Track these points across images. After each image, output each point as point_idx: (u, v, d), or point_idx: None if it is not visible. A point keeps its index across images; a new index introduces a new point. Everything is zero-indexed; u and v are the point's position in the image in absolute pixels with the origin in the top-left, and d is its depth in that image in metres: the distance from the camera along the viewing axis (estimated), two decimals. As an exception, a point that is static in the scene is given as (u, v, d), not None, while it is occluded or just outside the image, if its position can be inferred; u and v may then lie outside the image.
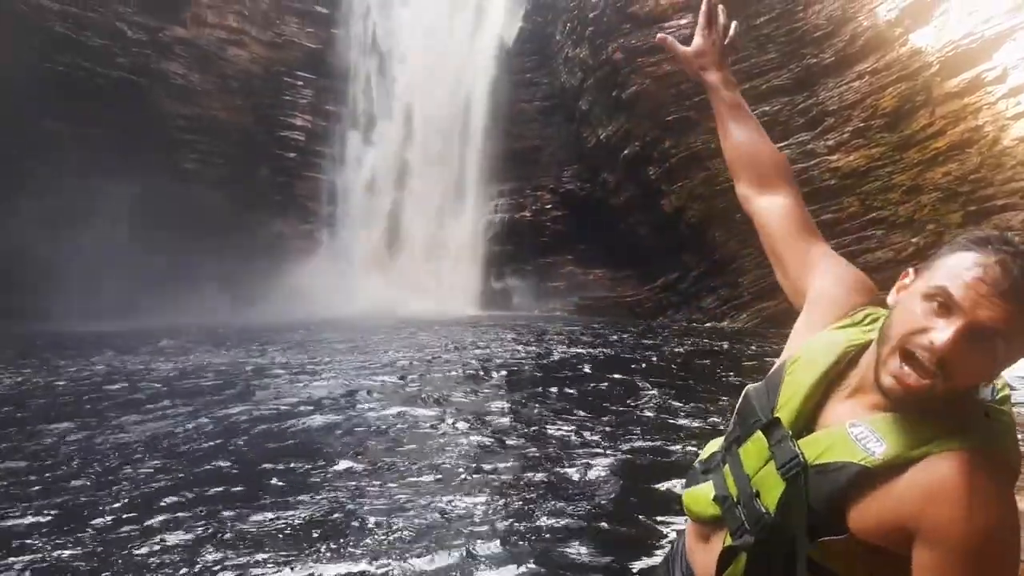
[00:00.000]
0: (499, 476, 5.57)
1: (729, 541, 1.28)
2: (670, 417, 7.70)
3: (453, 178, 31.30)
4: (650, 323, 23.30)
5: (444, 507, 4.83)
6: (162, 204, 23.39)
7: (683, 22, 23.01)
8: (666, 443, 6.52)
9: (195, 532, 4.33)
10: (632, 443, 6.54)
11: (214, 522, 4.49)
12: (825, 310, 1.39)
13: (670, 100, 23.64)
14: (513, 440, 6.74)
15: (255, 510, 4.71)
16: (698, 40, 1.71)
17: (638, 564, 4.00)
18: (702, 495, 1.39)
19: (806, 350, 1.31)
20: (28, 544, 4.16)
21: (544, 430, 7.12)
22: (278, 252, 27.59)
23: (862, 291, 1.41)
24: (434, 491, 5.17)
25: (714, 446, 1.50)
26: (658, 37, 1.84)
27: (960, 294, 1.05)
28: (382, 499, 4.97)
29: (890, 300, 1.20)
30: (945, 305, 1.06)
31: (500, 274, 30.86)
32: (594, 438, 6.75)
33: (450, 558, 4.02)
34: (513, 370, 11.42)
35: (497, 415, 7.86)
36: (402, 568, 3.90)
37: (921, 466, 1.06)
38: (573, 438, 6.77)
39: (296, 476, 5.53)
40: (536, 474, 5.60)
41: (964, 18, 15.76)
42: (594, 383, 10.19)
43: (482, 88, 30.70)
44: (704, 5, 1.70)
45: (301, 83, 30.92)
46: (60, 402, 8.72)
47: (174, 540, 4.23)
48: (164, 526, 4.44)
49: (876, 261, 18.53)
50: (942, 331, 1.04)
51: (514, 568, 3.92)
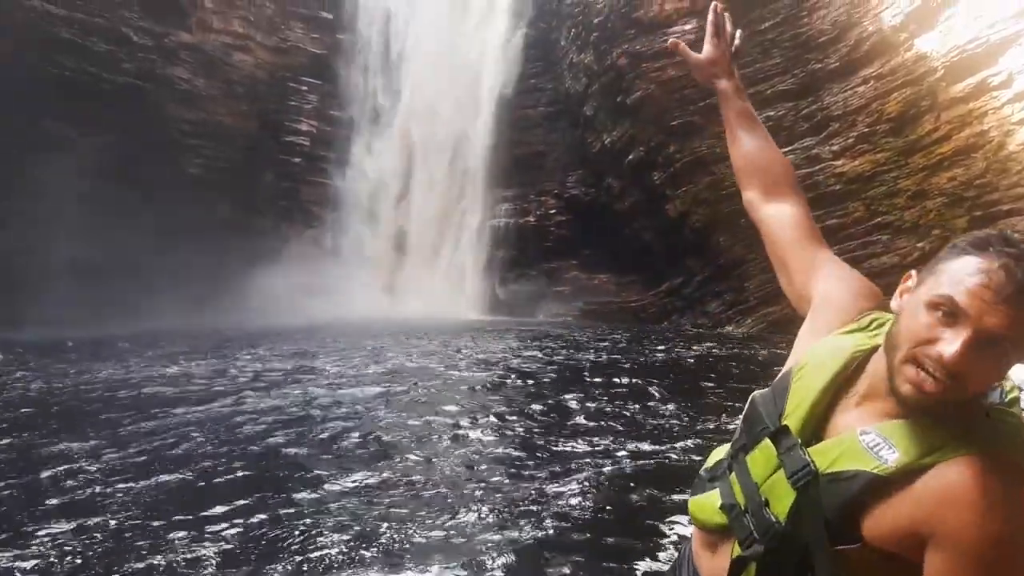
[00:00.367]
0: (505, 480, 5.57)
1: (738, 550, 1.27)
2: (676, 422, 7.68)
3: (458, 183, 31.32)
4: (655, 328, 23.27)
5: (451, 510, 4.84)
6: (167, 208, 23.47)
7: (688, 27, 23.03)
8: (673, 448, 6.51)
9: (201, 542, 4.33)
10: (639, 447, 6.53)
11: (218, 530, 4.49)
12: (830, 315, 1.38)
13: (674, 105, 23.64)
14: (519, 444, 6.73)
15: (259, 515, 4.72)
16: (708, 48, 1.74)
17: (643, 566, 4.00)
18: (708, 503, 1.38)
19: (813, 356, 1.30)
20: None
21: (550, 434, 7.11)
22: (283, 257, 27.63)
23: (868, 296, 1.40)
24: (441, 494, 5.19)
25: (719, 453, 1.49)
26: (670, 43, 1.87)
27: (965, 302, 1.04)
28: (390, 502, 4.98)
29: (894, 305, 1.19)
30: (951, 313, 1.05)
31: (504, 279, 30.84)
32: (601, 442, 6.74)
33: (458, 560, 4.03)
34: (518, 375, 11.41)
35: (502, 419, 7.85)
36: (409, 562, 3.95)
37: (934, 472, 1.05)
38: (580, 442, 6.76)
39: (301, 483, 5.54)
40: (543, 478, 5.60)
41: (969, 23, 15.73)
42: (599, 388, 10.18)
43: (487, 93, 30.74)
44: (711, 14, 1.73)
45: (306, 88, 31.00)
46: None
47: (181, 548, 4.24)
48: (169, 533, 4.45)
49: (881, 266, 18.47)
50: (950, 342, 1.03)
51: (521, 572, 3.92)
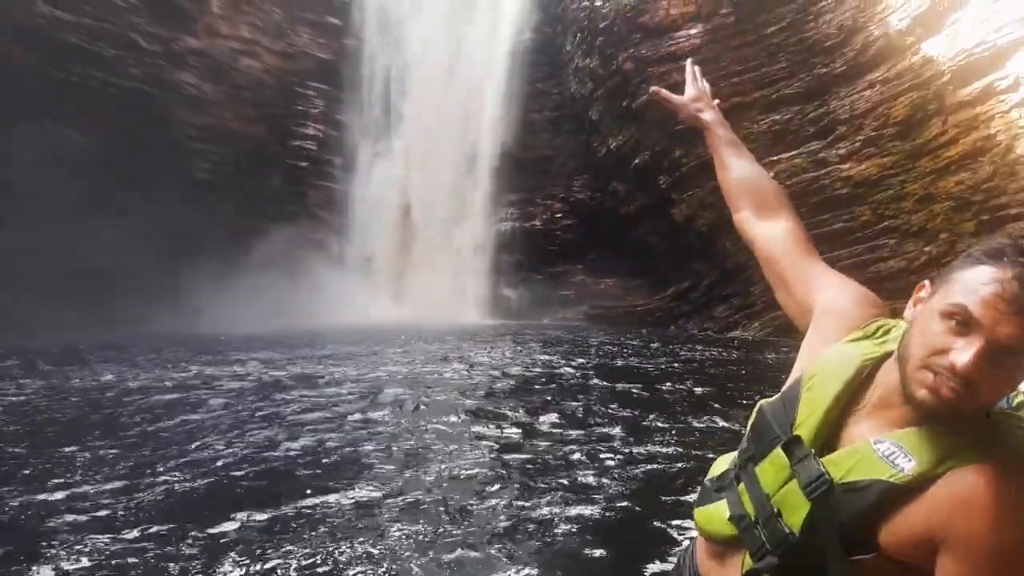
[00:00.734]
0: (515, 482, 5.58)
1: (748, 561, 1.27)
2: (683, 426, 7.68)
3: (463, 188, 31.36)
4: (662, 332, 23.24)
5: (462, 510, 4.89)
6: (173, 213, 23.55)
7: (693, 31, 23.06)
8: (680, 451, 6.50)
9: (214, 552, 4.36)
10: (646, 450, 6.52)
11: (230, 540, 4.52)
12: (835, 323, 1.38)
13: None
14: (527, 447, 6.74)
15: (273, 512, 4.74)
16: (690, 89, 1.96)
17: (651, 568, 4.01)
18: (716, 514, 1.37)
19: (822, 365, 1.30)
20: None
21: (557, 438, 7.11)
22: (289, 261, 27.66)
23: (870, 304, 1.41)
24: (452, 495, 5.22)
25: (724, 463, 1.48)
26: (651, 90, 2.00)
27: (979, 312, 1.04)
28: (399, 509, 4.99)
29: (907, 314, 1.19)
30: (964, 323, 1.05)
31: (510, 283, 30.85)
32: (609, 445, 6.74)
33: (468, 559, 4.06)
34: (524, 378, 11.41)
35: (510, 423, 7.86)
36: (422, 568, 3.97)
37: (949, 479, 1.06)
38: (586, 446, 6.76)
39: (311, 491, 5.56)
40: (551, 481, 5.61)
41: (976, 27, 15.70)
42: (606, 391, 10.17)
43: (493, 98, 30.80)
44: (688, 66, 2.03)
45: (313, 93, 31.07)
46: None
47: (194, 559, 4.26)
48: (180, 542, 4.47)
49: (889, 270, 18.44)
50: (963, 352, 1.03)
51: (530, 571, 3.95)
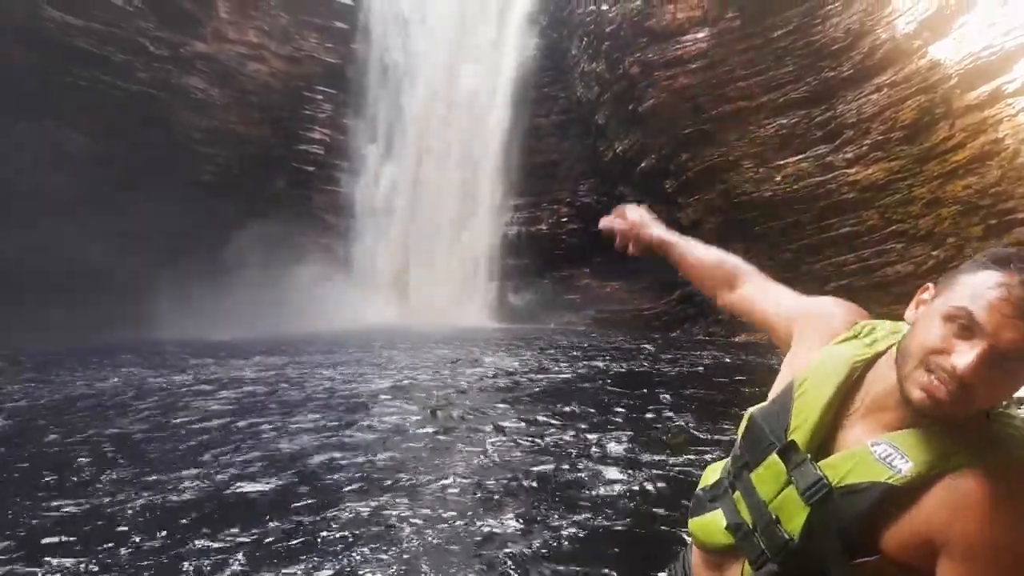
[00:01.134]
0: (523, 489, 5.58)
1: (748, 570, 1.27)
2: (690, 430, 7.66)
3: (470, 192, 31.41)
4: (668, 336, 23.21)
5: (471, 516, 4.89)
6: (179, 216, 23.65)
7: (699, 35, 23.04)
8: (690, 459, 6.49)
9: (225, 558, 4.38)
10: (653, 456, 6.51)
11: (242, 545, 4.53)
12: (817, 329, 1.40)
13: (687, 114, 23.64)
14: (535, 453, 6.73)
15: (284, 527, 4.76)
16: (619, 221, 1.90)
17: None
18: (712, 524, 1.38)
19: (814, 370, 1.30)
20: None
21: (564, 443, 7.11)
22: (294, 265, 27.75)
23: (849, 310, 1.43)
24: (462, 500, 5.23)
25: (715, 472, 1.49)
26: (600, 223, 1.97)
27: (983, 316, 1.04)
28: (407, 509, 5.00)
29: (909, 315, 1.20)
30: (967, 327, 1.05)
31: (516, 287, 30.87)
32: (616, 451, 6.73)
33: (472, 564, 4.07)
34: (531, 383, 11.41)
35: (518, 428, 7.85)
36: (429, 572, 3.98)
37: (948, 481, 1.06)
38: (594, 451, 6.76)
39: (324, 481, 5.58)
40: (560, 487, 5.61)
41: (984, 30, 15.65)
42: (612, 396, 10.16)
43: (499, 103, 30.85)
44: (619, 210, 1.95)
45: (320, 97, 31.20)
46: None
47: (204, 564, 4.28)
48: (189, 546, 4.49)
49: (896, 274, 18.38)
50: (964, 355, 1.03)
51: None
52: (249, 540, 4.43)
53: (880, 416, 1.19)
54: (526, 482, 5.77)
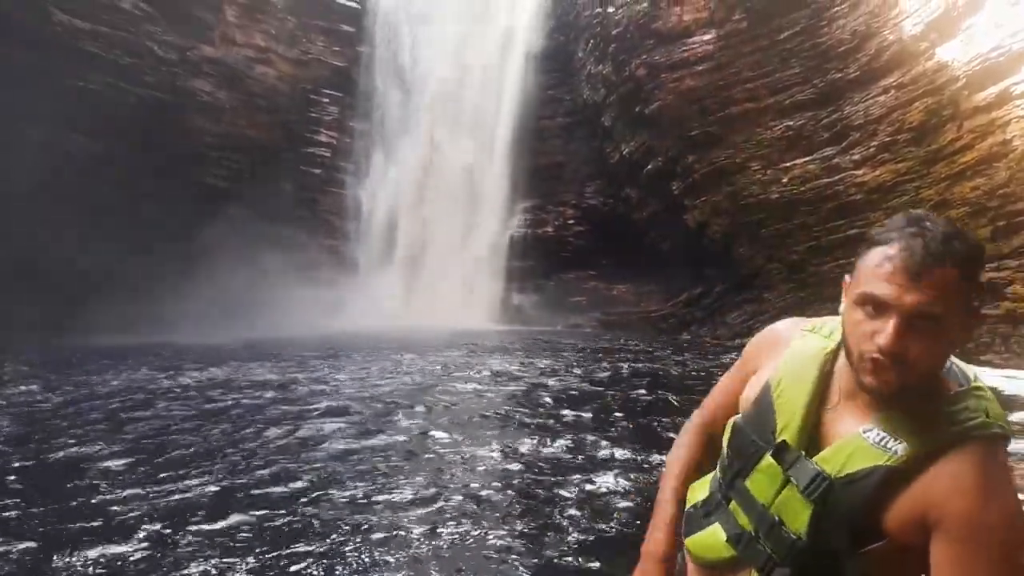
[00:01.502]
0: (531, 491, 5.58)
1: None
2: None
3: (476, 194, 31.45)
4: (675, 339, 23.16)
5: (478, 517, 4.90)
6: (187, 219, 23.73)
7: (706, 37, 23.03)
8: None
9: (234, 538, 4.39)
10: (662, 458, 6.50)
11: (246, 524, 4.55)
12: (770, 346, 1.44)
13: (693, 115, 23.62)
14: (541, 456, 6.73)
15: (288, 518, 4.77)
16: None
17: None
18: (713, 538, 1.37)
19: (786, 370, 1.33)
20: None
21: (571, 446, 7.10)
22: (301, 267, 27.81)
23: (789, 322, 1.46)
24: (468, 501, 5.23)
25: (703, 488, 1.48)
26: None
27: (883, 292, 1.11)
28: (417, 513, 5.01)
29: (841, 308, 1.24)
30: (877, 307, 1.12)
31: (523, 289, 30.88)
32: (623, 454, 6.72)
33: (481, 567, 4.09)
34: (539, 386, 11.41)
35: (525, 431, 7.86)
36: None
37: (940, 464, 1.09)
38: (601, 455, 6.75)
39: (330, 483, 5.58)
40: (567, 490, 5.61)
41: (991, 31, 15.59)
42: (619, 399, 10.15)
43: (506, 105, 30.89)
44: None
45: (327, 100, 31.32)
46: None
47: (212, 562, 4.29)
48: (195, 548, 4.50)
49: (903, 277, 18.28)
50: (884, 333, 1.09)
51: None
52: (256, 544, 4.45)
53: (857, 403, 1.22)
54: (533, 485, 5.77)
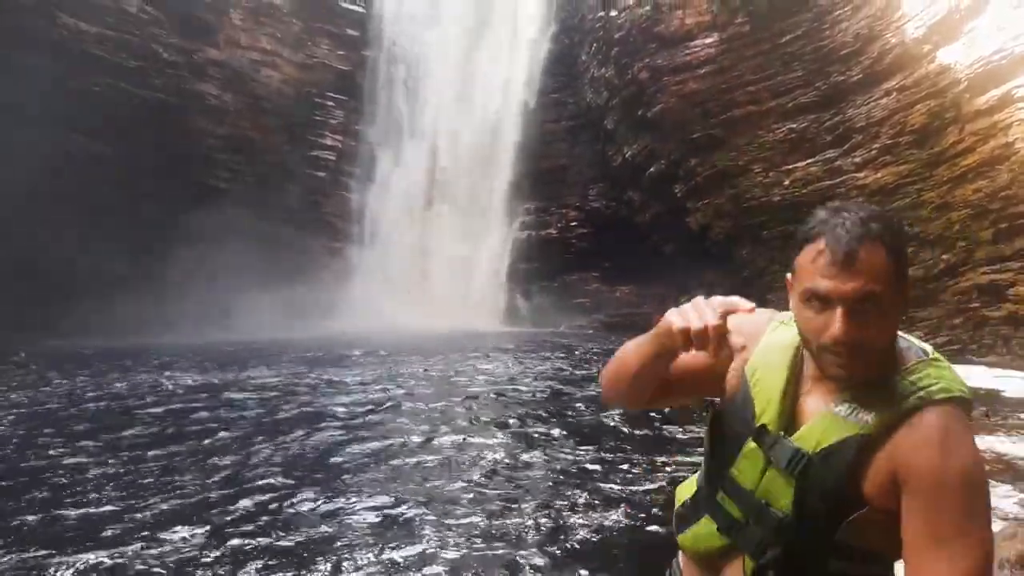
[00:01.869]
0: (537, 492, 5.65)
1: (750, 564, 1.31)
2: (697, 435, 7.72)
3: (480, 196, 31.49)
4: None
5: (484, 518, 4.99)
6: (192, 221, 23.80)
7: (708, 41, 23.08)
8: (693, 462, 6.55)
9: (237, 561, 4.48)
10: (666, 459, 6.57)
11: (251, 524, 4.64)
12: (752, 325, 1.43)
13: (695, 118, 23.66)
14: (546, 458, 6.79)
15: (295, 517, 4.85)
16: None
17: None
18: (703, 531, 1.42)
19: (760, 359, 1.38)
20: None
21: (575, 448, 7.17)
22: (307, 270, 27.84)
23: (768, 312, 1.48)
24: (474, 502, 5.32)
25: (690, 487, 1.55)
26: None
27: (821, 286, 1.17)
28: (423, 514, 5.08)
29: (791, 306, 1.30)
30: (820, 300, 1.18)
31: (526, 291, 30.91)
32: (627, 457, 6.79)
33: (490, 564, 4.17)
34: (541, 388, 11.47)
35: (529, 433, 7.92)
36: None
37: (907, 423, 1.17)
38: (604, 456, 6.81)
39: (334, 483, 5.67)
40: (572, 492, 5.68)
41: (993, 34, 15.62)
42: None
43: (510, 108, 30.94)
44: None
45: (332, 103, 31.38)
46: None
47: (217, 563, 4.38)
48: (199, 547, 4.59)
49: (906, 279, 18.30)
50: (835, 324, 1.16)
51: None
52: (270, 541, 4.53)
53: (826, 384, 1.28)
54: (538, 486, 5.84)
